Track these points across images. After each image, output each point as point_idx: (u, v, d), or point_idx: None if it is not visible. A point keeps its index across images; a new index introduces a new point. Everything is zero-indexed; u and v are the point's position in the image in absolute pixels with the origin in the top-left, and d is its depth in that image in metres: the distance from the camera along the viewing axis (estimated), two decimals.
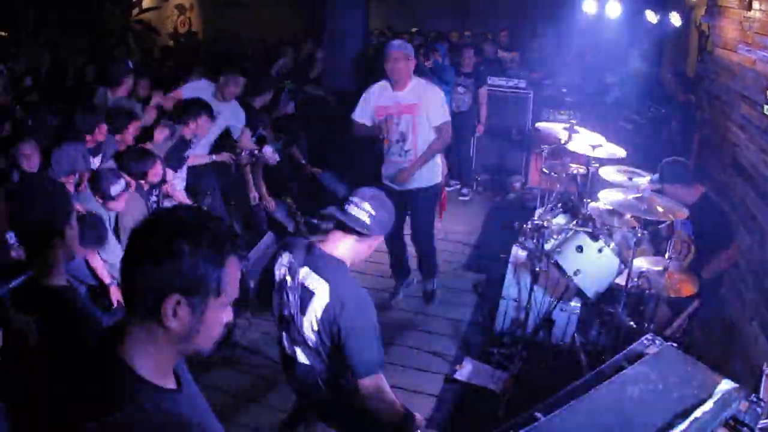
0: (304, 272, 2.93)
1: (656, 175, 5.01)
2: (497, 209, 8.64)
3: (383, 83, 5.49)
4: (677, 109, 7.43)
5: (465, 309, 6.03)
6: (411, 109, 5.36)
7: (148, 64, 9.85)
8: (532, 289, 4.94)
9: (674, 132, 7.33)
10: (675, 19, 8.17)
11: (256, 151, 6.15)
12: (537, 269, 4.79)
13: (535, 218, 5.01)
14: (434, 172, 5.58)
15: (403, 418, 2.80)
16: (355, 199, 2.92)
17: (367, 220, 2.89)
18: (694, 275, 4.49)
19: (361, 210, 2.89)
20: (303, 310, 2.91)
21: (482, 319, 5.80)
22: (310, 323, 2.90)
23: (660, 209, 4.31)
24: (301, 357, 3.02)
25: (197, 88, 6.32)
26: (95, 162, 5.34)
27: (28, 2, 9.04)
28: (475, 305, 6.11)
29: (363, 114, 5.56)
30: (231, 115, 6.35)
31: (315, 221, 7.10)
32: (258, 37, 13.47)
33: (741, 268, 5.05)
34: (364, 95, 5.62)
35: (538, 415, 2.14)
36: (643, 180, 4.93)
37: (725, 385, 2.36)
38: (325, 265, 2.92)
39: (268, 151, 6.28)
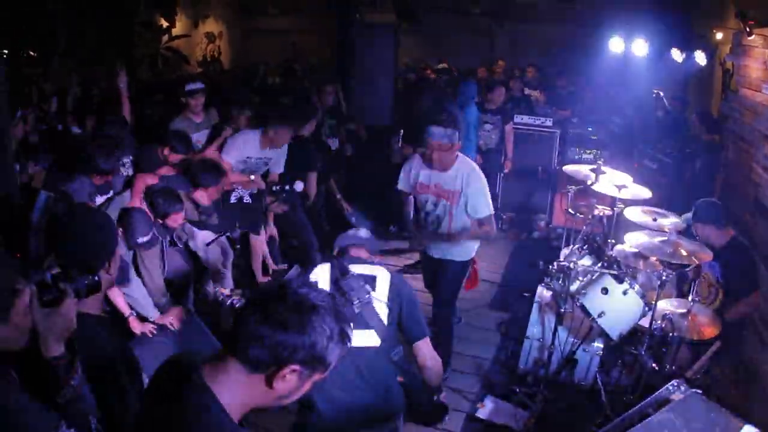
0: (356, 268, 3.37)
1: (689, 214, 5.06)
2: (522, 248, 8.60)
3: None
4: (701, 149, 7.45)
5: (488, 347, 6.06)
6: (450, 196, 4.98)
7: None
8: (556, 330, 4.98)
9: (698, 172, 7.34)
10: (700, 57, 8.19)
11: (287, 187, 6.29)
12: (562, 310, 4.84)
13: (561, 259, 5.05)
14: (468, 248, 5.22)
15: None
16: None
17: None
18: (717, 318, 4.52)
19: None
20: (373, 287, 3.32)
21: (505, 357, 5.83)
22: (381, 299, 3.30)
23: (684, 253, 4.37)
24: (373, 339, 3.23)
25: (247, 140, 6.16)
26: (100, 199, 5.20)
27: (64, 20, 8.61)
28: (499, 343, 6.14)
29: (406, 185, 5.26)
30: (277, 159, 6.46)
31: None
32: (284, 64, 13.57)
33: (763, 311, 5.05)
34: (405, 165, 5.31)
35: None
36: (668, 221, 4.98)
37: (748, 430, 2.41)
38: (367, 261, 3.51)
39: (299, 186, 6.41)
